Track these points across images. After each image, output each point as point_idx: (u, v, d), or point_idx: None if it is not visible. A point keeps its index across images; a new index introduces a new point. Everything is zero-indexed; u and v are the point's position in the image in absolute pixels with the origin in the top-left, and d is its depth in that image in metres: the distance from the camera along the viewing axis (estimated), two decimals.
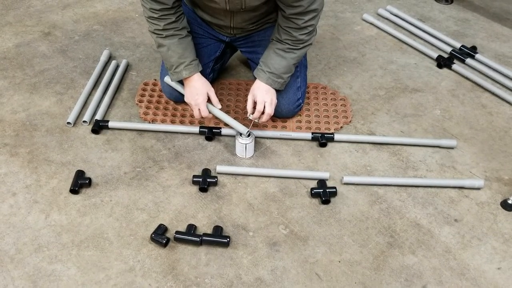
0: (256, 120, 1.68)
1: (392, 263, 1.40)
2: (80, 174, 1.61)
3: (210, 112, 1.71)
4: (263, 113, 1.67)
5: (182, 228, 1.47)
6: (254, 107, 1.67)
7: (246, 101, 1.94)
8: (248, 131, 1.67)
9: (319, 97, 1.98)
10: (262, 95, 1.66)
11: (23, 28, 2.37)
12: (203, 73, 1.74)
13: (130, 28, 2.39)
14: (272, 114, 1.69)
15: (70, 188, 1.57)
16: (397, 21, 2.48)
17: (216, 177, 1.61)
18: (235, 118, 1.86)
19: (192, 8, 1.83)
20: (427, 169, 1.70)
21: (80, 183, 1.58)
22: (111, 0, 2.62)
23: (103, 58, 2.13)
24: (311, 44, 1.66)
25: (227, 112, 1.88)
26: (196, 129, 1.79)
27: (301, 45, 1.63)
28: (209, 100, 1.71)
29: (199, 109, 1.68)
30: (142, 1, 1.62)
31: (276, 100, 1.70)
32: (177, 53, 1.66)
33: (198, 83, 1.69)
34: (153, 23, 1.63)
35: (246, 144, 1.67)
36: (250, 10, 1.63)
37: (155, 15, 1.60)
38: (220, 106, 1.71)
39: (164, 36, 1.64)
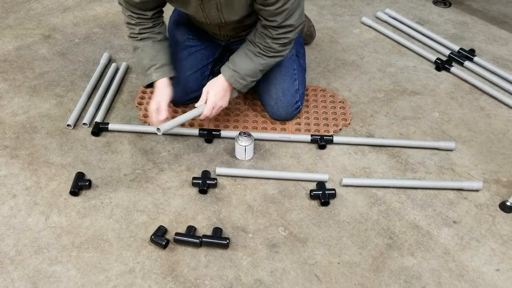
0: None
1: (391, 265, 1.41)
2: (80, 176, 1.61)
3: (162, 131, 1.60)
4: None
5: (182, 229, 1.47)
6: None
7: (246, 103, 1.95)
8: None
9: (318, 100, 1.99)
10: (214, 98, 1.62)
11: (24, 31, 2.38)
12: (199, 78, 1.76)
13: None
14: (211, 115, 1.65)
15: (70, 190, 1.57)
16: (395, 24, 2.50)
17: (215, 179, 1.62)
18: (234, 121, 1.87)
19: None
20: (426, 171, 1.70)
21: (80, 185, 1.58)
22: (111, 3, 2.63)
23: (103, 60, 2.14)
24: (282, 56, 1.64)
25: (227, 115, 1.89)
26: (195, 131, 1.79)
27: (272, 54, 1.60)
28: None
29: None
30: (122, 8, 1.63)
31: (226, 105, 1.67)
32: (149, 54, 1.65)
33: (156, 90, 1.65)
34: (130, 28, 1.65)
35: (245, 146, 1.67)
36: (234, 23, 1.64)
37: (133, 21, 1.63)
38: (163, 117, 1.61)
39: (139, 38, 1.65)
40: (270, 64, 1.65)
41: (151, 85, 1.69)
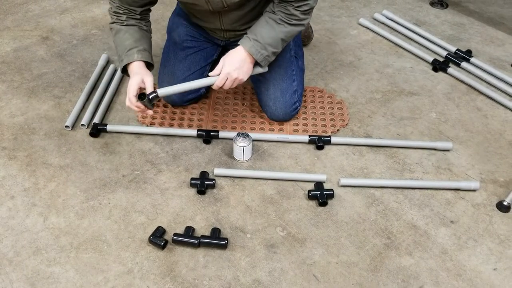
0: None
1: (389, 265, 1.41)
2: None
3: (161, 95, 1.54)
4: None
5: (180, 230, 1.47)
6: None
7: (244, 104, 1.96)
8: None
9: (316, 100, 1.99)
10: (230, 68, 1.53)
11: (21, 32, 2.38)
12: (194, 74, 1.75)
13: None
14: (224, 87, 1.56)
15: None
16: (393, 25, 2.50)
17: (214, 179, 1.62)
18: (232, 122, 1.88)
19: (186, 14, 1.84)
20: (423, 171, 1.71)
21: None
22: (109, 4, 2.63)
23: (101, 62, 2.14)
24: (303, 26, 1.58)
25: (225, 116, 1.90)
26: (194, 132, 1.80)
27: (294, 21, 1.54)
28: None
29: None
30: (110, 2, 1.63)
31: (243, 79, 1.56)
32: (133, 37, 1.60)
33: (137, 69, 1.57)
34: (117, 15, 1.63)
35: (243, 147, 1.68)
36: (235, 8, 1.62)
37: (120, 11, 1.62)
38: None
39: (124, 24, 1.62)
40: (292, 33, 1.58)
41: (126, 71, 1.62)
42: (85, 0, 2.67)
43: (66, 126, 1.81)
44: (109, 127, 1.80)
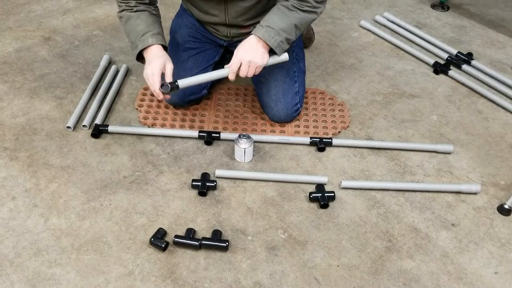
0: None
1: (390, 268, 1.41)
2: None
3: (180, 86, 1.53)
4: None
5: (181, 232, 1.47)
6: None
7: (245, 105, 1.96)
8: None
9: (317, 102, 1.99)
10: (243, 53, 1.52)
11: (24, 33, 2.38)
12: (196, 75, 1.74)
13: None
14: (249, 75, 1.53)
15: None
16: (394, 27, 2.51)
17: (215, 181, 1.62)
18: (233, 123, 1.88)
19: (189, 11, 1.84)
20: (425, 174, 1.71)
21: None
22: (111, 5, 2.63)
23: (103, 63, 2.15)
24: (317, 14, 1.55)
25: (227, 117, 1.90)
26: (195, 133, 1.80)
27: (307, 7, 1.51)
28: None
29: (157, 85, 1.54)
30: None
31: (260, 63, 1.52)
32: (146, 22, 1.59)
33: (158, 53, 1.56)
34: (125, 3, 1.61)
35: (245, 148, 1.68)
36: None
37: None
38: (157, 85, 1.52)
39: (134, 10, 1.61)
40: (305, 21, 1.55)
41: (141, 58, 1.62)
42: (87, 1, 2.67)
43: (68, 127, 1.82)
44: (110, 128, 1.80)
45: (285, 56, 1.60)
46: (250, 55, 1.51)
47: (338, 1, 2.78)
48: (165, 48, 1.61)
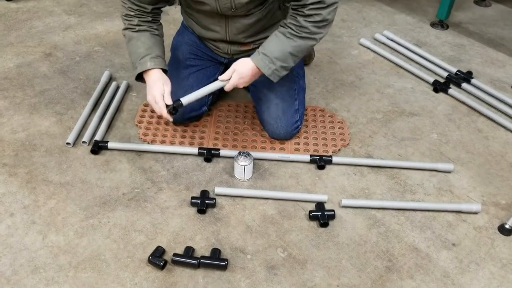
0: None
1: None
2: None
3: (185, 104, 1.59)
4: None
5: (180, 250, 1.46)
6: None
7: (245, 122, 1.96)
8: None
9: (317, 120, 1.99)
10: (238, 80, 1.58)
11: (25, 48, 2.40)
12: (200, 98, 1.74)
13: None
14: (235, 85, 1.59)
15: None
16: (393, 45, 2.52)
17: (214, 198, 1.61)
18: (233, 140, 1.88)
19: (190, 28, 1.85)
20: (425, 192, 1.70)
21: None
22: (112, 22, 2.65)
23: (103, 79, 2.15)
24: (315, 40, 1.55)
25: (226, 135, 1.90)
26: (195, 150, 1.80)
27: (305, 34, 1.52)
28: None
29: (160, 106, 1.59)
30: (122, 2, 1.64)
31: (248, 82, 1.60)
32: (146, 44, 1.62)
33: (156, 76, 1.61)
34: (128, 20, 1.64)
35: (244, 165, 1.67)
36: (243, 14, 1.63)
37: (132, 13, 1.63)
38: (163, 110, 1.58)
39: (136, 30, 1.64)
40: (302, 48, 1.56)
41: (141, 78, 1.66)
42: (88, 17, 2.69)
43: (67, 143, 1.81)
44: (110, 145, 1.80)
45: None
46: (247, 77, 1.59)
47: (338, 19, 2.80)
48: (164, 70, 1.64)
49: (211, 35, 1.78)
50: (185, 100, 1.60)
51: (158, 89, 1.58)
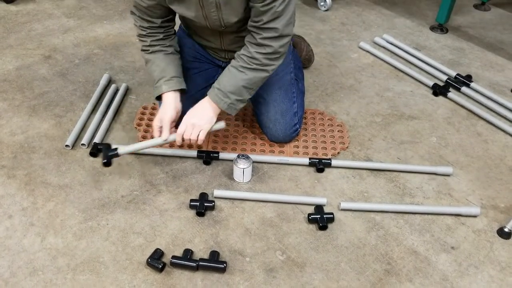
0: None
1: None
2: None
3: (118, 154, 1.61)
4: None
5: (179, 252, 1.46)
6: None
7: (244, 125, 1.96)
8: (166, 139, 1.59)
9: (316, 123, 1.99)
10: (189, 116, 1.59)
11: (24, 51, 2.40)
12: (198, 101, 1.75)
13: (130, 53, 2.42)
14: (192, 138, 1.58)
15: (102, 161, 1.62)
16: (393, 49, 2.53)
17: (213, 201, 1.61)
18: (232, 143, 1.87)
19: (189, 34, 1.86)
20: (424, 196, 1.70)
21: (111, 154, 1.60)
22: (112, 25, 2.66)
23: (103, 81, 2.15)
24: (267, 72, 1.57)
25: (225, 137, 1.90)
26: (194, 153, 1.79)
27: (255, 65, 1.54)
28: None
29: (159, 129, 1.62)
30: (134, 20, 1.66)
31: (204, 128, 1.58)
32: (159, 67, 1.65)
33: (168, 100, 1.62)
34: (142, 40, 1.67)
35: (243, 168, 1.67)
36: (234, 30, 1.64)
37: (144, 32, 1.65)
38: (163, 139, 1.60)
39: (150, 51, 1.67)
40: (254, 80, 1.57)
41: (160, 98, 1.68)
42: (88, 20, 2.70)
43: (66, 145, 1.81)
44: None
45: (219, 125, 1.63)
46: (196, 119, 1.59)
47: (338, 22, 2.80)
48: (182, 89, 1.67)
49: (208, 44, 1.80)
50: (122, 150, 1.61)
51: (167, 114, 1.60)
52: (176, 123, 1.64)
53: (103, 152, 1.63)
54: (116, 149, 1.61)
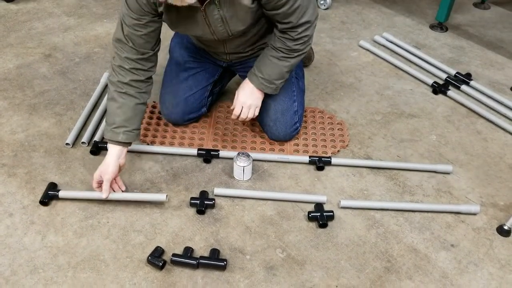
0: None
1: None
2: (51, 186, 1.63)
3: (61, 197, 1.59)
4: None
5: (179, 250, 1.46)
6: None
7: (244, 123, 1.96)
8: (166, 195, 1.57)
9: (316, 121, 2.00)
10: (243, 98, 1.69)
11: (24, 49, 2.40)
12: (199, 99, 1.81)
13: None
14: (249, 116, 1.72)
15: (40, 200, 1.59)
16: (393, 47, 2.53)
17: (213, 199, 1.61)
18: (232, 141, 1.88)
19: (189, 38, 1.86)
20: (424, 194, 1.71)
21: (51, 194, 1.59)
22: (112, 23, 2.66)
23: (103, 80, 2.15)
24: (305, 53, 1.65)
25: (226, 136, 1.90)
26: (194, 151, 1.80)
27: (296, 54, 1.62)
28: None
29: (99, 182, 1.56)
30: (116, 49, 1.53)
31: (258, 104, 1.72)
32: (126, 114, 1.55)
33: (118, 154, 1.56)
34: (120, 74, 1.54)
35: (244, 166, 1.67)
36: (239, 36, 1.65)
37: (127, 66, 1.53)
38: (104, 196, 1.54)
39: (123, 91, 1.54)
40: (295, 64, 1.66)
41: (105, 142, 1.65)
42: (88, 18, 2.70)
43: (67, 144, 1.81)
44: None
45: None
46: (250, 100, 1.69)
47: (338, 21, 2.80)
48: (129, 143, 1.60)
49: (210, 49, 1.82)
50: (63, 194, 1.60)
51: (110, 170, 1.53)
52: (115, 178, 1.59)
53: (45, 190, 1.60)
54: (59, 190, 1.60)
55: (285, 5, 1.47)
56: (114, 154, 1.55)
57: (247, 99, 1.69)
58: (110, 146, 1.56)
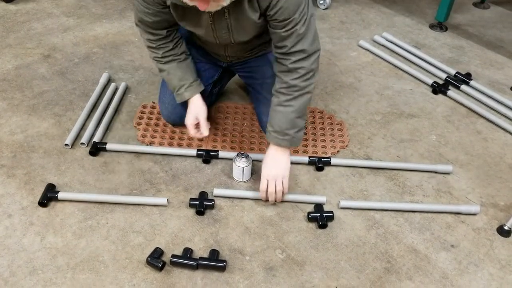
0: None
1: None
2: (50, 187, 1.63)
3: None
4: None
5: (178, 251, 1.46)
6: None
7: (244, 124, 1.96)
8: (167, 199, 1.60)
9: (316, 121, 1.99)
10: (266, 170, 1.57)
11: (23, 50, 2.40)
12: (203, 94, 1.76)
13: (130, 52, 2.42)
14: (278, 192, 1.57)
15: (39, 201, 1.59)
16: (392, 47, 2.52)
17: (213, 200, 1.61)
18: (232, 142, 1.87)
19: (190, 36, 1.86)
20: (424, 194, 1.70)
21: (49, 196, 1.59)
22: (111, 23, 2.65)
23: (102, 80, 2.15)
24: (309, 93, 1.54)
25: (225, 136, 1.90)
26: (193, 151, 1.79)
27: (297, 93, 1.51)
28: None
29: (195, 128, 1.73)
30: (140, 33, 1.68)
31: (285, 174, 1.57)
32: (177, 76, 1.70)
33: (192, 105, 1.73)
34: (152, 52, 1.69)
35: (243, 167, 1.67)
36: (242, 43, 1.65)
37: (153, 45, 1.66)
38: (206, 134, 1.71)
39: (163, 62, 1.70)
40: (301, 108, 1.54)
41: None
42: (87, 19, 2.69)
43: (66, 145, 1.81)
44: (108, 146, 1.80)
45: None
46: (274, 170, 1.56)
47: (337, 21, 2.80)
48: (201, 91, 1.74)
49: (211, 50, 1.82)
50: (63, 195, 1.60)
51: (202, 110, 1.72)
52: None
53: (43, 192, 1.61)
54: (58, 192, 1.60)
55: (285, 26, 1.43)
56: (197, 98, 1.72)
57: (269, 169, 1.56)
58: (189, 101, 1.73)
